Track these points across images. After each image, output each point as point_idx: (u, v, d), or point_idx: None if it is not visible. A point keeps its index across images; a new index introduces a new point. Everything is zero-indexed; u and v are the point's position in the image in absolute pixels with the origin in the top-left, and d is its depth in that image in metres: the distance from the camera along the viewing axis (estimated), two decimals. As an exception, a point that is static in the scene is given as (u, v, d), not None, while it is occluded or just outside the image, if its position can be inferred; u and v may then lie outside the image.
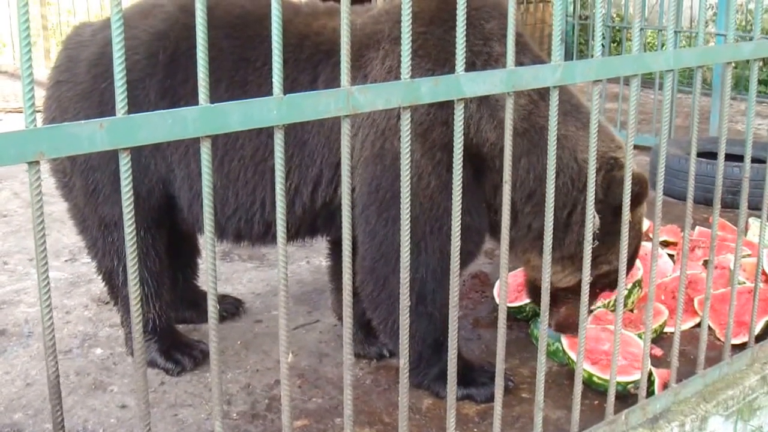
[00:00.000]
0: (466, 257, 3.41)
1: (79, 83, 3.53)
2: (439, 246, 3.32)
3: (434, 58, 3.29)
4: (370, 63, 3.37)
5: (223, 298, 4.37)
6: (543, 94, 3.35)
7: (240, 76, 3.42)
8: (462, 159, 2.40)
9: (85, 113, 3.43)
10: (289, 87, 3.27)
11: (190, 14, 3.55)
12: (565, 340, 3.73)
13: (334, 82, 3.30)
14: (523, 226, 3.47)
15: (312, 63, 3.40)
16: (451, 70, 3.26)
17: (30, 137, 1.64)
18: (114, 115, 1.74)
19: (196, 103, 1.85)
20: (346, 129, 2.11)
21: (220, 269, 4.93)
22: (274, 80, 1.96)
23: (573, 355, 3.59)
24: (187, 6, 3.55)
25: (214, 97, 1.92)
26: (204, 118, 1.85)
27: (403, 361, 2.41)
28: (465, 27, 2.27)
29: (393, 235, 3.32)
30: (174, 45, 3.45)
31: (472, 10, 3.36)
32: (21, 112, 8.96)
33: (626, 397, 3.33)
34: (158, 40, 3.47)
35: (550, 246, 2.76)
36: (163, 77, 3.44)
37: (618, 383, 3.39)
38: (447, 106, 3.20)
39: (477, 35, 3.33)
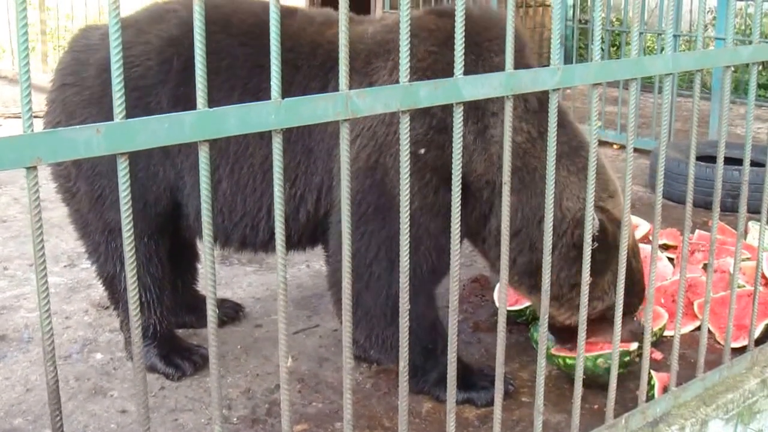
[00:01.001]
0: (440, 275, 3.49)
1: (87, 88, 3.49)
2: (413, 264, 3.31)
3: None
4: (377, 72, 3.36)
5: (222, 303, 4.37)
6: (542, 132, 3.31)
7: (254, 83, 3.39)
8: (450, 182, 2.39)
9: (94, 119, 3.35)
10: (302, 93, 3.26)
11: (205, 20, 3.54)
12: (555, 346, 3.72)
13: None
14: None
15: (323, 70, 3.40)
16: None
17: (27, 142, 1.64)
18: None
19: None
20: (345, 133, 2.11)
21: (220, 274, 4.93)
22: (272, 83, 1.96)
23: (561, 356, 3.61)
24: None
25: (228, 104, 1.92)
26: (201, 122, 1.85)
27: (403, 364, 2.40)
28: (464, 37, 2.26)
29: (366, 251, 3.32)
30: (188, 51, 3.40)
31: (485, 41, 3.35)
32: (20, 117, 8.94)
33: (626, 401, 3.33)
34: (172, 46, 3.43)
35: (550, 248, 2.75)
36: (176, 84, 3.40)
37: (587, 358, 3.38)
38: (446, 132, 3.19)
39: (485, 68, 3.29)
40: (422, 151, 3.25)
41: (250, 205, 3.48)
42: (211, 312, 1.99)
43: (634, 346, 3.53)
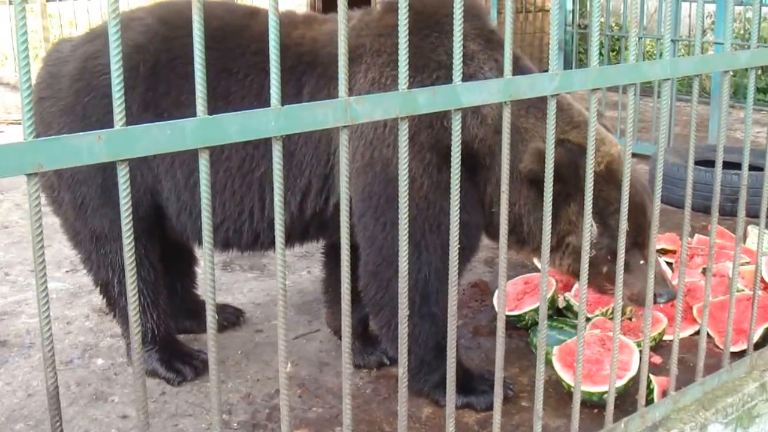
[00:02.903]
0: (469, 252, 3.50)
1: (62, 98, 3.54)
2: (439, 243, 3.35)
3: (413, 65, 3.32)
4: (354, 77, 3.40)
5: (223, 308, 4.38)
6: None
7: (222, 87, 3.43)
8: (450, 159, 2.40)
9: (69, 128, 3.44)
10: None
11: (170, 27, 3.59)
12: (556, 350, 3.71)
13: (319, 93, 3.34)
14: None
15: (295, 74, 3.42)
16: (430, 74, 3.33)
17: (28, 149, 1.65)
18: (96, 128, 1.75)
19: (179, 115, 1.87)
20: (344, 139, 2.12)
21: (221, 279, 4.94)
22: (272, 91, 1.97)
23: (559, 368, 3.60)
24: (166, 18, 3.58)
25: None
26: (202, 130, 1.86)
27: (402, 369, 2.41)
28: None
29: (392, 239, 3.35)
30: (154, 57, 3.47)
31: (443, 17, 3.40)
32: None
33: (625, 406, 3.34)
34: (138, 53, 3.48)
35: (548, 253, 2.76)
36: (144, 90, 3.46)
37: (593, 393, 3.41)
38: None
39: (449, 42, 3.34)
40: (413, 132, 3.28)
41: (230, 208, 3.51)
42: (210, 317, 2.00)
43: (633, 369, 3.52)
